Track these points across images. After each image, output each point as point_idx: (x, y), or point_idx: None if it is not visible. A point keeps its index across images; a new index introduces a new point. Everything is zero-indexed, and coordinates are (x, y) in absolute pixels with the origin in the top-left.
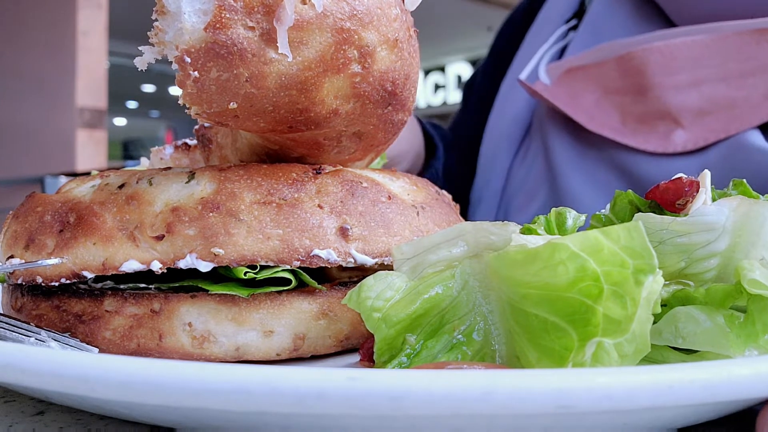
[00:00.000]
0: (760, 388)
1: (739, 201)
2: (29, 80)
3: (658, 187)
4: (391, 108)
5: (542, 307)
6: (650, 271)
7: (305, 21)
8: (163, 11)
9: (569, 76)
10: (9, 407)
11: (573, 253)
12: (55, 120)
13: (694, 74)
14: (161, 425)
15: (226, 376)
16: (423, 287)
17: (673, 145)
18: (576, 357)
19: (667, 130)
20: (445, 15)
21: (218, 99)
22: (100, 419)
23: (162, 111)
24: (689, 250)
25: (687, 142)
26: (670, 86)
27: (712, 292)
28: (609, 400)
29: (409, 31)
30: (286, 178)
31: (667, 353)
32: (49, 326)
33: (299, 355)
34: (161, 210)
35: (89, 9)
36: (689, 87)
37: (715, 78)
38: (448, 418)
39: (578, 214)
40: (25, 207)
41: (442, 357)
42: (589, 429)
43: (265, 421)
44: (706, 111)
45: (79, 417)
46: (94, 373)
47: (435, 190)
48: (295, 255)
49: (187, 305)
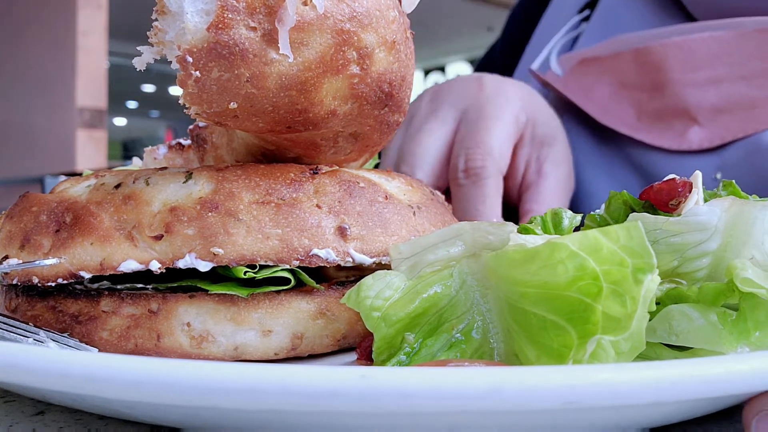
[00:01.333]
0: (756, 383)
1: (730, 201)
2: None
3: (652, 187)
4: (387, 109)
5: (541, 305)
6: (649, 270)
7: (306, 22)
8: (163, 11)
9: (583, 68)
10: (9, 407)
11: (572, 252)
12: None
13: (714, 71)
14: (163, 424)
15: (239, 375)
16: (421, 286)
17: (688, 142)
18: (575, 355)
19: (683, 127)
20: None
21: (219, 99)
22: (100, 419)
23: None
24: (682, 250)
25: (703, 140)
26: (689, 83)
27: (704, 290)
28: (614, 396)
29: (406, 33)
30: (284, 178)
31: (660, 350)
32: (45, 327)
33: (297, 354)
34: (159, 210)
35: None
36: (708, 84)
37: (736, 76)
38: (456, 415)
39: (574, 214)
40: (19, 207)
41: (441, 355)
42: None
43: (272, 419)
44: (725, 109)
45: (79, 417)
46: (102, 373)
47: (429, 191)
48: (295, 254)
49: (185, 305)
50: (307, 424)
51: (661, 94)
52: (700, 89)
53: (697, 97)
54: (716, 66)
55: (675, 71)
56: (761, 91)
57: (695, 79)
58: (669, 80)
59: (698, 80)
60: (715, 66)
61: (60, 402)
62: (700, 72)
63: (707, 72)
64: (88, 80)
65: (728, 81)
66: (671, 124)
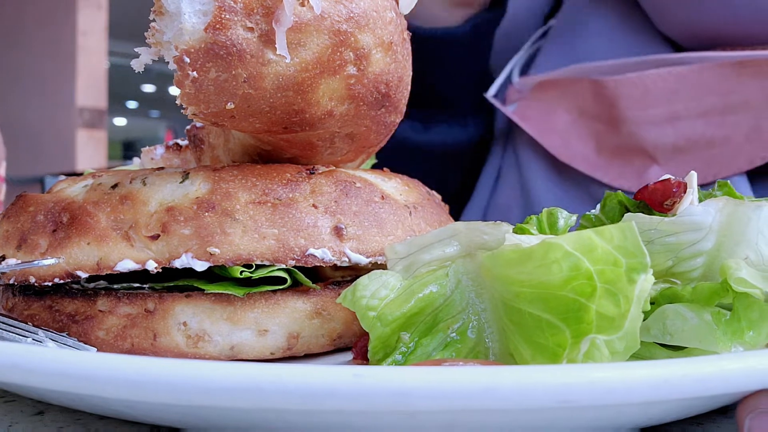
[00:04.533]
0: (750, 382)
1: (724, 202)
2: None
3: (647, 187)
4: (384, 110)
5: (536, 305)
6: (643, 269)
7: (303, 23)
8: (161, 12)
9: (542, 91)
10: (9, 407)
11: (567, 252)
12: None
13: (671, 108)
14: (163, 424)
15: (236, 374)
16: (417, 286)
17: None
18: (570, 354)
19: (642, 165)
20: None
21: (216, 99)
22: (100, 419)
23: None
24: (677, 249)
25: None
26: (644, 121)
27: (698, 290)
28: (609, 394)
29: (403, 35)
30: (281, 179)
31: (654, 350)
32: (42, 326)
33: (293, 354)
34: (156, 210)
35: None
36: (665, 122)
37: (694, 113)
38: (452, 413)
39: (569, 214)
40: (16, 207)
41: (436, 355)
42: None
43: (272, 419)
44: (683, 149)
45: (79, 417)
46: (102, 372)
47: (426, 191)
48: (291, 254)
49: (181, 305)
50: (304, 423)
51: (618, 131)
52: (657, 127)
53: (654, 135)
54: (673, 102)
55: (630, 109)
56: (719, 129)
57: (651, 117)
58: (624, 117)
59: (654, 118)
60: (672, 102)
61: (59, 402)
62: (655, 109)
63: (664, 109)
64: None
65: (686, 119)
66: (631, 161)
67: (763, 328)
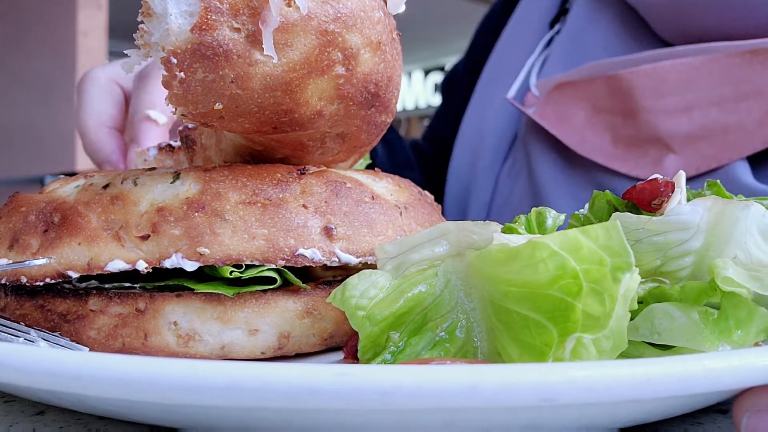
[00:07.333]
0: (733, 380)
1: (713, 201)
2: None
3: (635, 187)
4: (374, 110)
5: (523, 304)
6: (628, 268)
7: (290, 23)
8: (149, 13)
9: (559, 92)
10: (9, 407)
11: (553, 251)
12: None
13: (685, 98)
14: (163, 425)
15: (219, 372)
16: (406, 285)
17: (664, 171)
18: (556, 352)
19: (658, 155)
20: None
21: (204, 100)
22: (100, 419)
23: None
24: (665, 249)
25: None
26: (660, 111)
27: (687, 289)
28: (590, 393)
29: (392, 34)
30: (271, 179)
31: (643, 349)
32: (34, 326)
33: (284, 353)
34: (146, 210)
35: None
36: (679, 112)
37: (707, 102)
38: (435, 412)
39: (558, 214)
40: (8, 207)
41: (425, 354)
42: None
43: (258, 418)
44: (699, 136)
45: (79, 417)
46: (86, 371)
47: (417, 191)
48: (281, 254)
49: (172, 304)
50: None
51: (634, 121)
52: (672, 117)
53: (670, 124)
54: (686, 93)
55: (645, 99)
56: (732, 116)
57: (666, 107)
58: (640, 108)
59: (669, 108)
60: (685, 93)
61: (56, 402)
62: (670, 99)
63: (678, 99)
64: None
65: (699, 108)
66: (647, 151)
67: (750, 327)
